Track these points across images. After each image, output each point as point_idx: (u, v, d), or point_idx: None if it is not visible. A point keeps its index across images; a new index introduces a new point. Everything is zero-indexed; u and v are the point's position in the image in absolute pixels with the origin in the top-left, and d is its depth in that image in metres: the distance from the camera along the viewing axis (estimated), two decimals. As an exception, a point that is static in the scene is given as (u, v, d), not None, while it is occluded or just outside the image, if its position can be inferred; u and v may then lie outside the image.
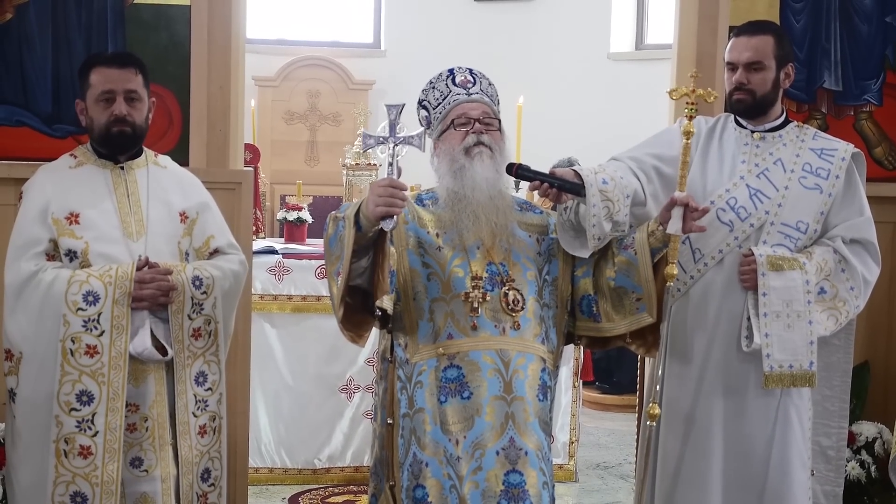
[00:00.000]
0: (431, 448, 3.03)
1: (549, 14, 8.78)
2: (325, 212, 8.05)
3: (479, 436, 2.99)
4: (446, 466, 3.00)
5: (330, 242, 3.06)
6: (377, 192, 2.91)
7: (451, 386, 3.04)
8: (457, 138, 3.14)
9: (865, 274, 3.41)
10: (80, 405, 3.14)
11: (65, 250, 3.23)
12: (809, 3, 4.33)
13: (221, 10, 4.09)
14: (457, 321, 3.08)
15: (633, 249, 3.16)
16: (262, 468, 5.23)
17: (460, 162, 3.11)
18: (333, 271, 3.03)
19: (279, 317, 5.26)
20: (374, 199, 2.90)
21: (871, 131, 4.41)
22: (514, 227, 3.19)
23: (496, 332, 3.08)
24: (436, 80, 3.27)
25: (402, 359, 3.15)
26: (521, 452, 2.99)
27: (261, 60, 8.11)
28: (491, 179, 3.11)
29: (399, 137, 3.03)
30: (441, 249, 3.13)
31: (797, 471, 3.42)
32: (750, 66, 3.41)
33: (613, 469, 5.75)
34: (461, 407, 3.02)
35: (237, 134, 4.23)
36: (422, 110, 3.29)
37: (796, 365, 3.30)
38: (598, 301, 3.21)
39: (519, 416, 3.01)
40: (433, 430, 3.03)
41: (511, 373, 3.05)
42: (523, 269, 3.16)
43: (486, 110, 3.18)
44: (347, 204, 3.10)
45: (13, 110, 4.00)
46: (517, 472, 2.97)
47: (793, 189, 3.40)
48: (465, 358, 3.05)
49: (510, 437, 2.99)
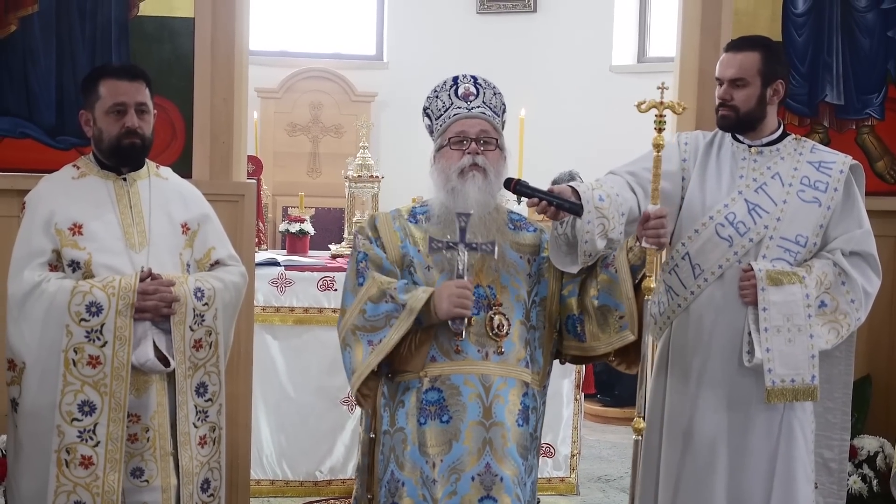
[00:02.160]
0: (409, 468, 3.03)
1: (552, 26, 8.80)
2: (327, 224, 8.05)
3: (456, 460, 2.99)
4: (422, 488, 3.00)
5: (368, 308, 3.07)
6: (456, 294, 3.00)
7: (431, 409, 3.04)
8: (453, 158, 3.14)
9: (866, 286, 3.41)
10: (81, 415, 3.15)
11: (68, 261, 3.24)
12: (811, 18, 4.34)
13: (225, 23, 4.11)
14: (440, 344, 3.08)
15: (614, 267, 3.15)
16: (264, 480, 5.23)
17: (453, 183, 3.12)
18: (363, 336, 3.07)
19: (281, 329, 5.26)
20: (452, 301, 2.99)
21: (873, 145, 4.42)
22: (505, 249, 3.18)
23: (479, 356, 3.07)
24: (440, 88, 3.26)
25: (387, 375, 3.16)
26: (497, 479, 2.98)
27: (263, 72, 8.11)
28: (482, 202, 3.11)
29: (470, 243, 3.08)
30: (430, 269, 3.14)
31: (801, 484, 3.41)
32: (733, 82, 3.41)
33: (615, 482, 5.74)
34: (440, 430, 3.02)
35: (240, 146, 4.25)
36: (425, 118, 3.30)
37: (798, 379, 3.30)
38: (584, 321, 3.20)
39: (497, 442, 3.01)
40: (411, 450, 3.04)
41: (491, 398, 3.04)
42: (512, 291, 3.15)
43: (485, 128, 3.17)
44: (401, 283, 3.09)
45: (17, 122, 4.02)
46: (491, 497, 2.97)
47: (791, 203, 3.40)
48: (447, 381, 3.05)
49: (486, 462, 2.99)
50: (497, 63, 8.29)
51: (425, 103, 3.29)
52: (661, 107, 3.16)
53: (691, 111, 4.29)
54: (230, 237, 3.62)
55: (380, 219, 3.26)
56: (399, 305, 3.02)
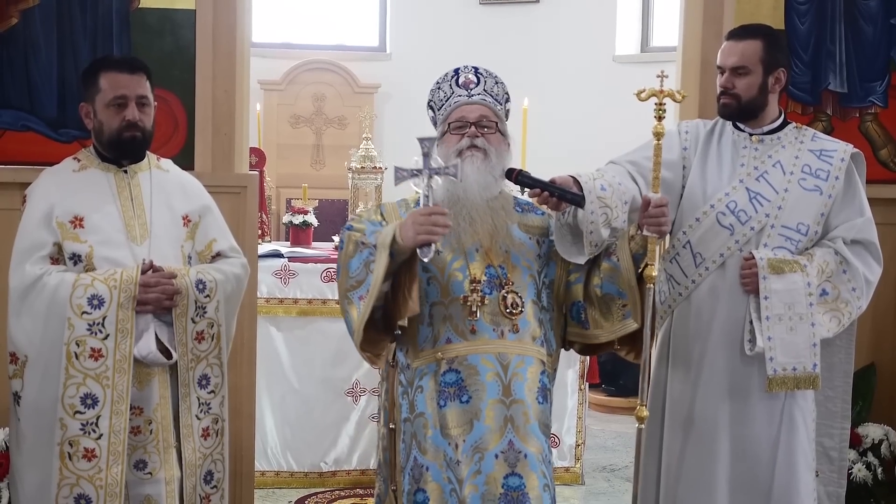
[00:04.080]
0: (432, 452, 3.03)
1: (555, 17, 8.77)
2: (330, 215, 8.06)
3: (478, 439, 2.99)
4: (446, 470, 3.01)
5: (350, 266, 3.06)
6: (419, 221, 2.93)
7: (450, 390, 3.04)
8: (452, 142, 3.15)
9: (867, 274, 3.40)
10: (84, 408, 3.15)
11: (69, 254, 3.24)
12: (814, 6, 4.32)
13: (227, 14, 4.11)
14: (455, 325, 3.08)
15: (616, 256, 3.16)
16: (269, 471, 5.24)
17: (452, 163, 3.10)
18: (353, 295, 3.05)
19: (285, 320, 5.27)
20: (416, 228, 2.92)
21: (877, 133, 4.40)
22: (513, 229, 3.19)
23: (494, 335, 3.08)
24: (441, 80, 3.28)
25: (404, 364, 3.16)
26: (521, 455, 2.99)
27: (266, 64, 8.12)
28: (482, 181, 3.10)
29: (433, 168, 3.02)
30: (440, 253, 3.12)
31: (802, 473, 3.41)
32: (735, 70, 3.40)
33: (620, 472, 5.74)
34: (460, 411, 3.03)
35: (242, 138, 4.25)
36: (429, 111, 3.31)
37: (800, 368, 3.30)
38: (587, 308, 3.20)
39: (518, 420, 3.01)
40: (433, 434, 3.04)
41: (510, 376, 3.04)
42: (523, 271, 3.15)
43: (485, 113, 3.18)
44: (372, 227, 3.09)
45: (19, 115, 4.02)
46: (516, 475, 2.97)
47: (792, 191, 3.39)
48: (464, 362, 3.05)
49: (509, 440, 2.99)
50: (500, 54, 8.27)
51: (429, 96, 3.30)
52: (661, 95, 3.15)
53: (694, 100, 4.29)
54: (232, 229, 3.62)
55: (386, 207, 3.27)
56: (371, 248, 3.02)
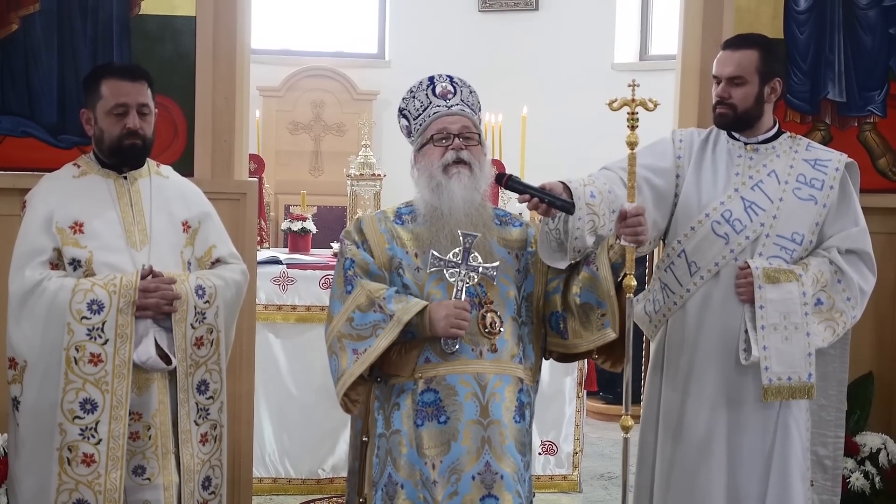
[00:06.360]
0: (406, 470, 3.03)
1: (554, 24, 8.79)
2: (329, 222, 8.05)
3: (455, 460, 2.99)
4: (422, 489, 3.00)
5: (355, 316, 3.06)
6: (452, 314, 2.98)
7: (427, 410, 3.03)
8: (436, 154, 3.13)
9: (862, 284, 3.41)
10: (83, 413, 3.15)
11: (69, 259, 3.24)
12: (813, 15, 4.34)
13: (226, 21, 4.12)
14: (434, 344, 3.06)
15: (596, 265, 3.13)
16: (266, 478, 5.24)
17: (437, 179, 3.11)
18: (347, 343, 3.05)
19: (283, 327, 5.26)
20: (450, 321, 2.98)
21: (875, 142, 4.41)
22: (493, 245, 3.18)
23: (473, 355, 3.07)
24: (416, 88, 3.26)
25: (378, 380, 3.15)
26: (497, 476, 2.98)
27: (265, 71, 8.12)
28: (468, 199, 3.10)
29: (472, 266, 3.07)
30: (419, 270, 3.12)
31: (797, 482, 3.42)
32: (731, 80, 3.40)
33: (617, 479, 5.73)
34: (438, 431, 3.02)
35: (242, 144, 4.26)
36: (402, 119, 3.29)
37: (795, 377, 3.30)
38: (566, 318, 3.18)
39: (495, 440, 3.01)
40: (409, 452, 3.03)
41: (488, 396, 3.04)
42: (502, 288, 3.14)
43: (466, 124, 3.17)
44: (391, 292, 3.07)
45: (19, 121, 4.02)
46: (493, 496, 2.97)
47: (787, 200, 3.40)
48: (443, 382, 3.04)
49: (486, 461, 2.99)
50: (499, 61, 8.32)
51: (401, 104, 3.28)
52: (633, 104, 3.11)
53: (693, 108, 4.30)
54: (232, 236, 3.63)
55: (366, 221, 3.23)
56: (387, 315, 3.01)
